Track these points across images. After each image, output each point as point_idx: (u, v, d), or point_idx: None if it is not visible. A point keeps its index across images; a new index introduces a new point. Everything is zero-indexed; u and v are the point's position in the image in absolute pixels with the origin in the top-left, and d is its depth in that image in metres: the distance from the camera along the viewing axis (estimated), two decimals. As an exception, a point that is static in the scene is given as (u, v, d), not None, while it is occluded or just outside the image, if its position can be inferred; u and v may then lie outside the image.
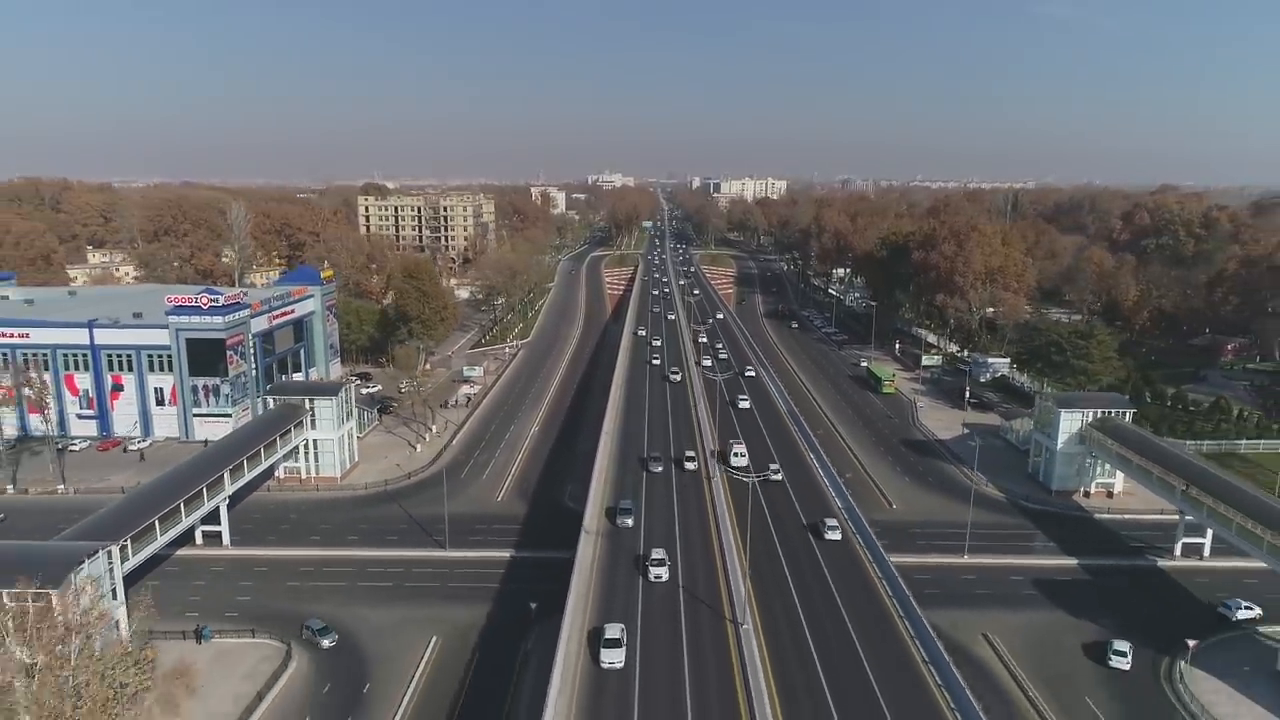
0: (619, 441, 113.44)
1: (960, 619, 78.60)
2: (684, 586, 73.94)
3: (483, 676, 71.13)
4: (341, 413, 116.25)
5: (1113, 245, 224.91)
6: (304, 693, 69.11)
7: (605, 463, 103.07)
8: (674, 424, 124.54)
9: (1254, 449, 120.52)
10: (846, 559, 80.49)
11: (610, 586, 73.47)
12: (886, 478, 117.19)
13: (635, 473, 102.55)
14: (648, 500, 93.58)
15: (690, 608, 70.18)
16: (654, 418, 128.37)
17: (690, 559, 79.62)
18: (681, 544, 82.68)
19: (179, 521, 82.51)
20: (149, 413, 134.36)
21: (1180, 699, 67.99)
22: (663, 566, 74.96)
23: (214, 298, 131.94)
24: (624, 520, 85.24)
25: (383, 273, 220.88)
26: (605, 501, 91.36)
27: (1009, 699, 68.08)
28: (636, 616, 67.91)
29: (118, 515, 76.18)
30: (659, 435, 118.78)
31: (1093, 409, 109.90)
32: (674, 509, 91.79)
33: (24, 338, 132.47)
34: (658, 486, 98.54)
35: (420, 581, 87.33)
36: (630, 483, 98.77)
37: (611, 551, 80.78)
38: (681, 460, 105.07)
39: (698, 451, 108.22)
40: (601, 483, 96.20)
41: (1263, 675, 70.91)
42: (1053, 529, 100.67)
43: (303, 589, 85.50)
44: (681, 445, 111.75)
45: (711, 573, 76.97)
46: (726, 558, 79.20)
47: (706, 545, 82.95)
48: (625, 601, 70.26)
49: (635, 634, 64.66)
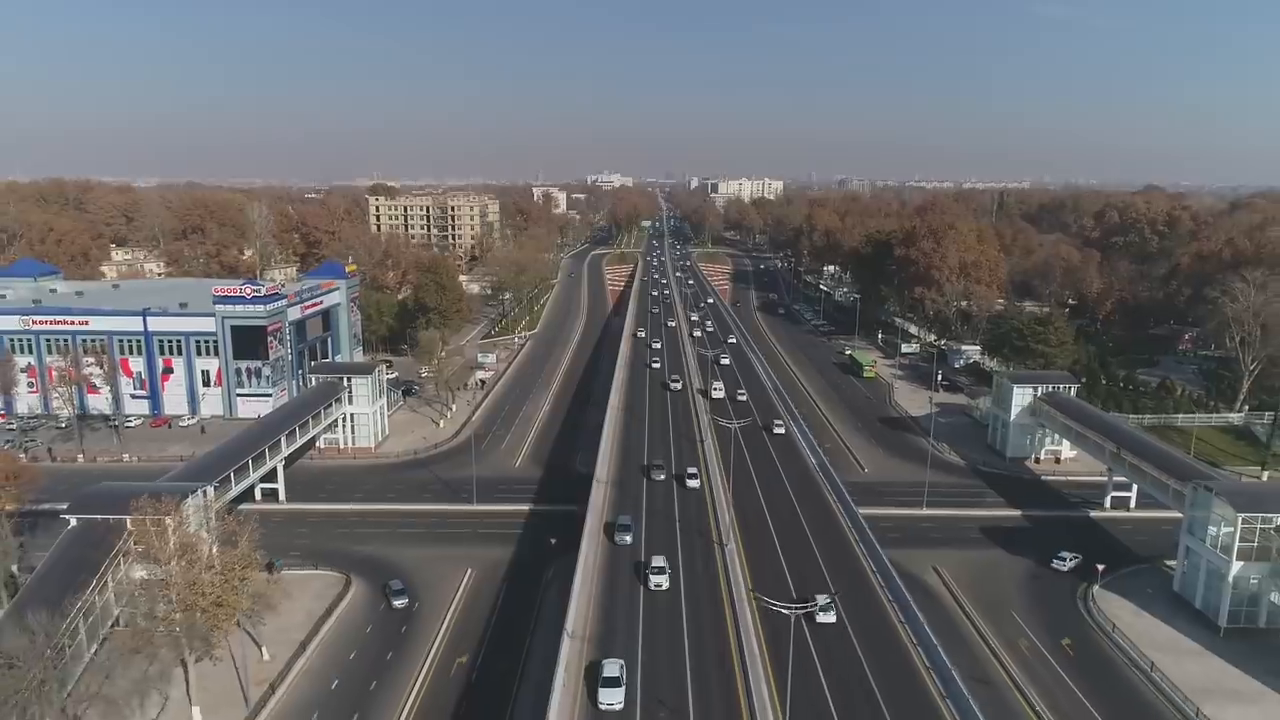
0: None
1: (914, 555, 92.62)
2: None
3: (511, 599, 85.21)
4: (375, 390, 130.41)
5: (1086, 242, 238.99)
6: (364, 610, 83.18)
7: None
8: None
9: (1190, 423, 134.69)
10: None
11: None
12: (860, 447, 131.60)
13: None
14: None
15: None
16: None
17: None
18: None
19: (248, 476, 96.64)
20: (196, 393, 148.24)
21: (1090, 614, 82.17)
22: (663, 575, 74.00)
23: (256, 289, 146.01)
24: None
25: (398, 268, 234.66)
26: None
27: (949, 614, 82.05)
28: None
29: (203, 467, 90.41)
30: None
31: (1042, 385, 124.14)
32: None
33: (84, 325, 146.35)
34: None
35: (453, 529, 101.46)
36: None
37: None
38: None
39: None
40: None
41: (1161, 596, 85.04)
42: (1003, 488, 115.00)
43: (352, 534, 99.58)
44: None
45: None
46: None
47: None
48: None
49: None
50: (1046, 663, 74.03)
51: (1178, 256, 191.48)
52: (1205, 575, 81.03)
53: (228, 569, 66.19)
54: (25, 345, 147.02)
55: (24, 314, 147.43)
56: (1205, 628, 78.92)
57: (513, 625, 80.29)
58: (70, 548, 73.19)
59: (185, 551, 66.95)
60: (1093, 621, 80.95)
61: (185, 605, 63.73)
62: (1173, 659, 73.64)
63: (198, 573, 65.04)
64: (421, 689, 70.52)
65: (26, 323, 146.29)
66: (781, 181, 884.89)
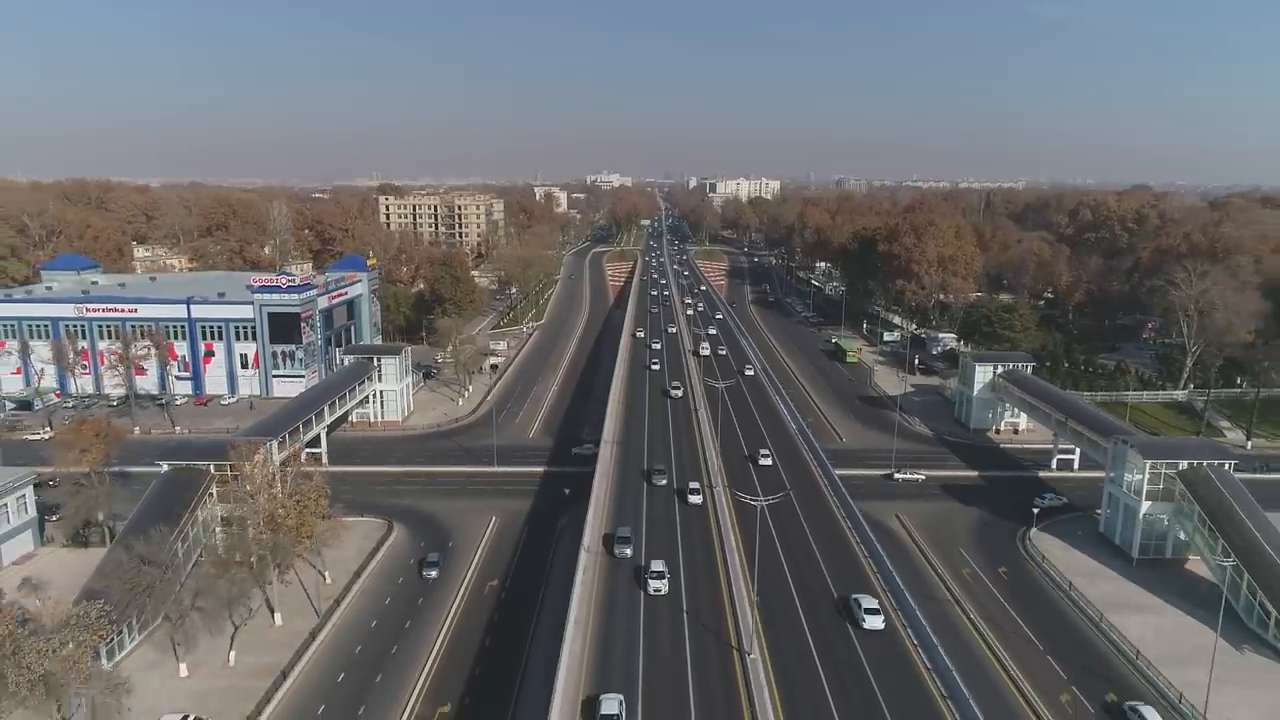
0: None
1: (881, 506, 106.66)
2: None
3: (531, 539, 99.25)
4: (402, 369, 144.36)
5: (1061, 239, 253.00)
6: (406, 548, 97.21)
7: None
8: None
9: (1138, 399, 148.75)
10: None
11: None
12: (840, 420, 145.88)
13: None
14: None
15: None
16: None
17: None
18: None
19: (300, 437, 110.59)
20: (235, 374, 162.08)
21: (1025, 550, 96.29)
22: (662, 580, 73.21)
23: (290, 279, 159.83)
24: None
25: (411, 263, 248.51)
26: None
27: (907, 551, 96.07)
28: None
29: (267, 426, 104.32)
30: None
31: (1002, 364, 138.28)
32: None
33: (133, 312, 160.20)
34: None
35: (478, 486, 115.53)
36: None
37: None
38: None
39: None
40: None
41: (1088, 536, 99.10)
42: (964, 454, 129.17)
43: (389, 491, 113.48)
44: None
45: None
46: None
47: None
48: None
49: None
50: (984, 585, 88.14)
51: (1140, 251, 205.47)
52: (1122, 515, 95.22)
53: (304, 498, 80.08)
54: (79, 330, 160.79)
55: (79, 302, 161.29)
56: (1121, 559, 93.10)
57: (534, 558, 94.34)
58: (165, 488, 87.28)
59: (269, 485, 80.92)
60: (1027, 555, 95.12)
61: (272, 527, 77.72)
62: (1090, 582, 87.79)
63: (280, 502, 79.03)
64: (460, 605, 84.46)
65: (81, 310, 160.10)
66: (779, 181, 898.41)
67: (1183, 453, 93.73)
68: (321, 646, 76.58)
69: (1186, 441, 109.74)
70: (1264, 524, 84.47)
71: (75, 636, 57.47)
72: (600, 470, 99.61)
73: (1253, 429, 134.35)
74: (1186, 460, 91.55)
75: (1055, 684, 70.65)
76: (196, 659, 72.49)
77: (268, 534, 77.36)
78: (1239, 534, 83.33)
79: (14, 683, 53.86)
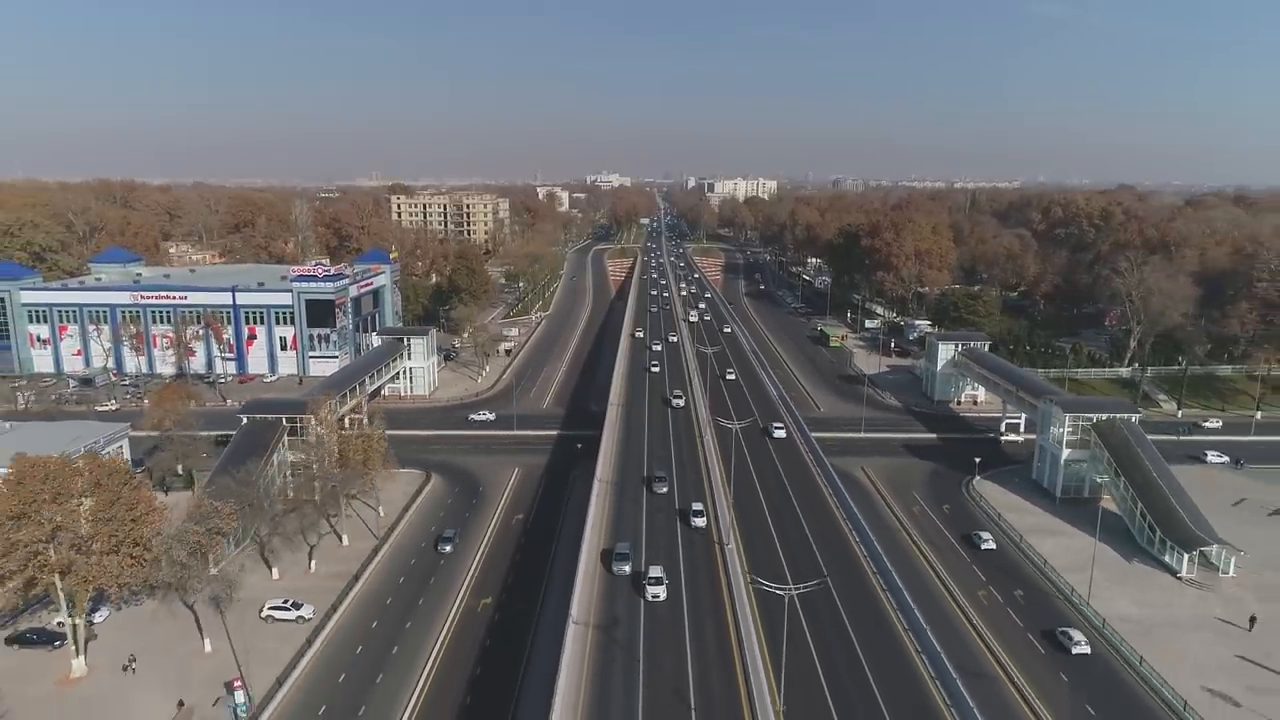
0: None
1: (849, 461, 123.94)
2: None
3: (548, 486, 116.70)
4: (429, 348, 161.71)
5: (1035, 235, 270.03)
6: (443, 492, 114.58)
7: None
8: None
9: (1087, 376, 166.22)
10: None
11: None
12: (819, 394, 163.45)
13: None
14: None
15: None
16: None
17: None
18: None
19: (347, 401, 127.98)
20: (275, 355, 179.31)
21: (967, 492, 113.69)
22: (660, 586, 73.37)
23: (326, 269, 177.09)
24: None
25: (426, 258, 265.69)
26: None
27: (868, 495, 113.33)
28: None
29: (329, 385, 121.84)
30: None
31: (962, 342, 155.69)
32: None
33: (183, 299, 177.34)
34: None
35: (501, 446, 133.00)
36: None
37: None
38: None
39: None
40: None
41: (1023, 483, 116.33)
42: (927, 421, 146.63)
43: (424, 449, 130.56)
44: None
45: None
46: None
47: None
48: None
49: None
50: (929, 518, 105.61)
51: (1100, 245, 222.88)
52: (1049, 463, 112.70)
53: (369, 439, 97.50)
54: (134, 315, 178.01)
55: (134, 290, 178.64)
56: (1047, 498, 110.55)
57: (551, 499, 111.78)
58: (245, 437, 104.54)
59: (337, 429, 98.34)
60: (968, 496, 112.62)
61: (342, 463, 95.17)
62: (1017, 515, 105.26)
63: (349, 441, 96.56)
64: (491, 534, 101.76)
65: (136, 298, 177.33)
66: (775, 181, 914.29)
67: (1097, 409, 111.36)
68: (381, 560, 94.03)
69: (1101, 400, 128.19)
70: (1160, 467, 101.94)
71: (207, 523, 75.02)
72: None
73: (1182, 400, 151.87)
74: (1099, 415, 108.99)
75: (976, 585, 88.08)
76: (283, 567, 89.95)
77: (338, 469, 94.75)
78: (1139, 473, 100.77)
79: (171, 564, 70.98)
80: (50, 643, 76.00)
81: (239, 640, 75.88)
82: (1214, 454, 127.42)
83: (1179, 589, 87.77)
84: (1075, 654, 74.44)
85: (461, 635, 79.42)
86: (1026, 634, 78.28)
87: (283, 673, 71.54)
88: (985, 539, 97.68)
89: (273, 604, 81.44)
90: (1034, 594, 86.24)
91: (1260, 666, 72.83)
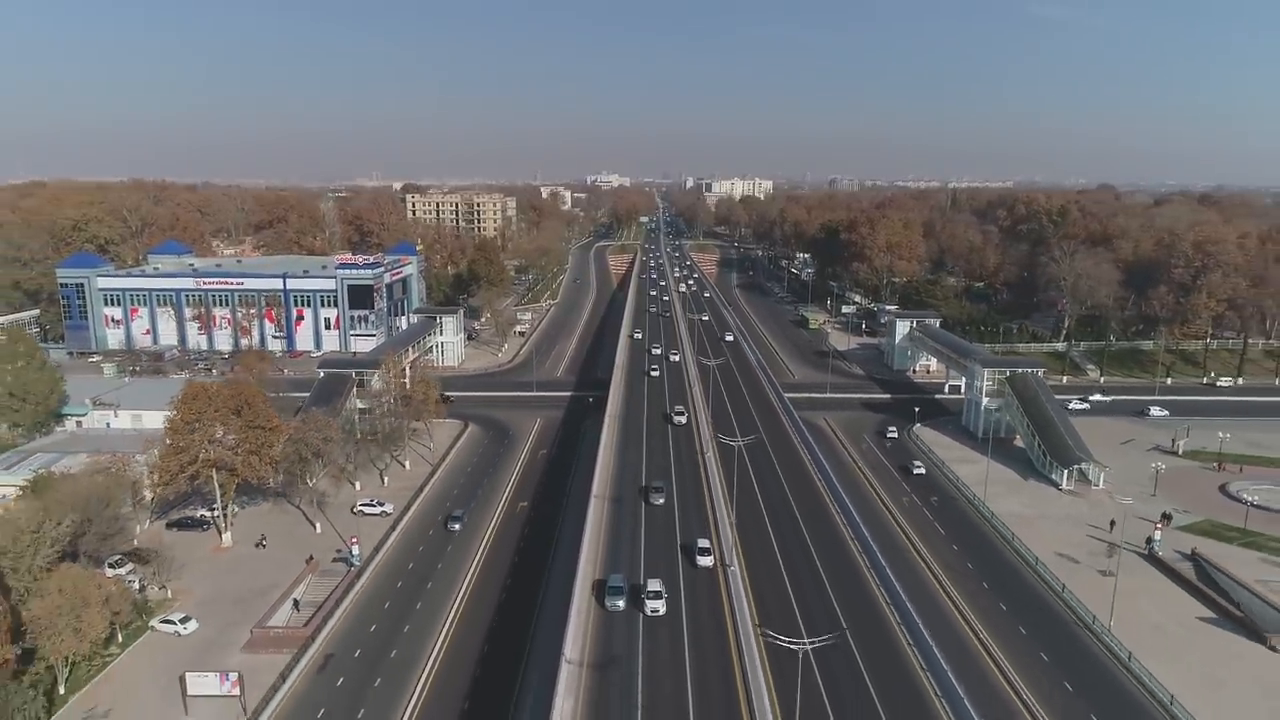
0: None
1: (814, 414, 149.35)
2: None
3: (566, 431, 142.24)
4: (458, 325, 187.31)
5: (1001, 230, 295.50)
6: (480, 436, 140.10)
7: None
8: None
9: (1028, 349, 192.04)
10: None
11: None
12: (795, 365, 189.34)
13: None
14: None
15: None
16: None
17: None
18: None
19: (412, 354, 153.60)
20: (320, 334, 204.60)
21: (908, 434, 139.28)
22: (659, 600, 70.95)
23: (366, 258, 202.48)
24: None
25: (444, 250, 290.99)
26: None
27: (827, 438, 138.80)
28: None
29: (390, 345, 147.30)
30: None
31: (916, 319, 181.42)
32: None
33: (240, 285, 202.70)
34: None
35: (524, 403, 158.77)
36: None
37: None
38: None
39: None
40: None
41: (953, 428, 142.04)
42: (884, 385, 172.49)
43: (459, 406, 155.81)
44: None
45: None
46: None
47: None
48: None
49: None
50: (874, 451, 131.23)
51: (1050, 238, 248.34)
52: (973, 410, 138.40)
53: (426, 384, 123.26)
54: (195, 299, 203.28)
55: (197, 276, 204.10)
56: (970, 438, 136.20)
57: (568, 441, 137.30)
58: (323, 386, 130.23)
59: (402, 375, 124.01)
60: (908, 437, 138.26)
61: (406, 402, 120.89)
62: (944, 450, 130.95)
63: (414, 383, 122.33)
64: (522, 465, 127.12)
65: (199, 283, 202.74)
66: (771, 181, 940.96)
67: (1010, 365, 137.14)
68: (438, 478, 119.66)
69: (1015, 359, 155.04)
70: (1057, 409, 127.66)
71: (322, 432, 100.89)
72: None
73: (1104, 370, 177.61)
74: (1012, 370, 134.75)
75: (902, 494, 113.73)
76: (361, 484, 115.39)
77: (405, 406, 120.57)
78: (1039, 413, 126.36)
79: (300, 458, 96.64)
80: (199, 526, 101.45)
81: (340, 527, 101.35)
82: (1156, 409, 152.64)
83: (1058, 496, 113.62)
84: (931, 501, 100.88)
85: (505, 526, 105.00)
86: (934, 523, 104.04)
87: (377, 544, 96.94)
88: (917, 466, 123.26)
89: (362, 503, 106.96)
90: (946, 500, 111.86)
91: (1101, 541, 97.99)
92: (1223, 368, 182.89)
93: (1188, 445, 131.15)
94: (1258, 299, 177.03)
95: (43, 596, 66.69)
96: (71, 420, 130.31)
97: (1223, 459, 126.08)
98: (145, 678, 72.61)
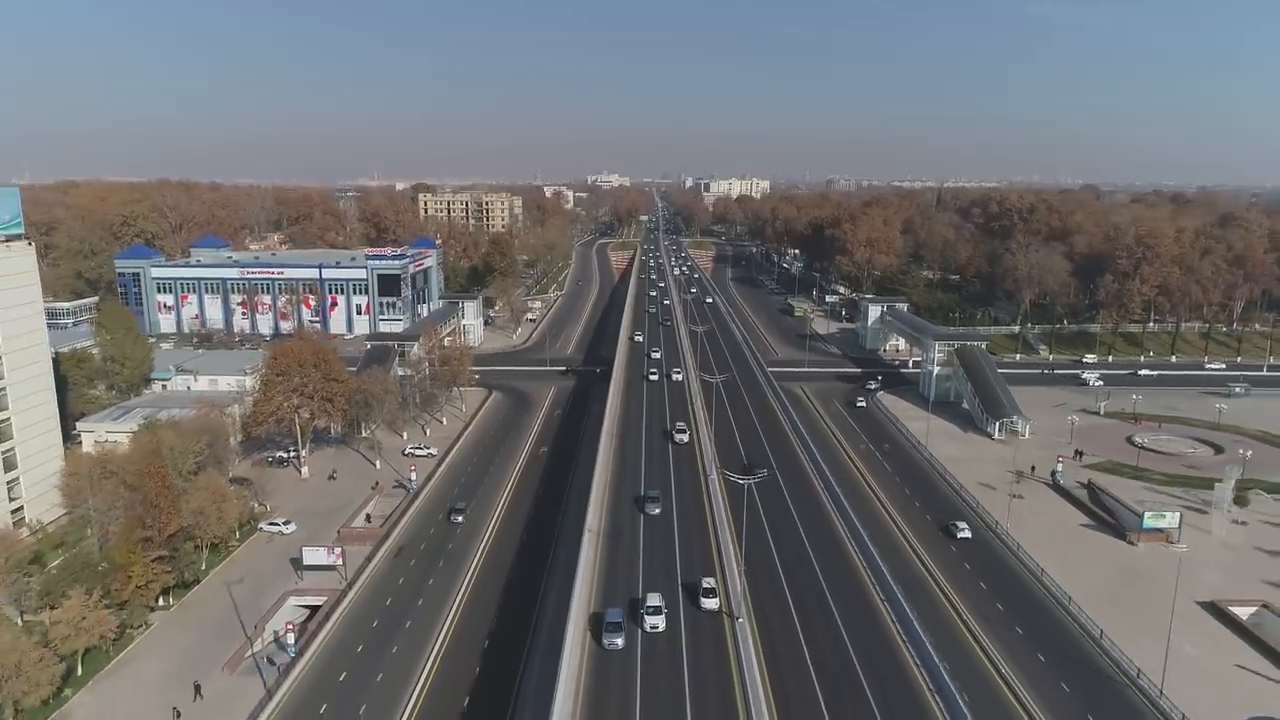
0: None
1: (793, 384, 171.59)
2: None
3: (576, 397, 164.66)
4: (478, 309, 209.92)
5: (976, 227, 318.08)
6: (504, 401, 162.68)
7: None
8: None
9: (988, 332, 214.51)
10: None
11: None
12: (779, 346, 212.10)
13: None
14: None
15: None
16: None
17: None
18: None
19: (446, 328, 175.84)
20: (351, 319, 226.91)
21: (875, 404, 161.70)
22: (659, 616, 67.97)
23: (395, 250, 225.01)
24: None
25: (458, 245, 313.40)
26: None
27: (802, 402, 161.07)
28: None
29: (427, 322, 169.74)
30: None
31: (886, 303, 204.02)
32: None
33: (280, 274, 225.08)
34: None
35: (540, 375, 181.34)
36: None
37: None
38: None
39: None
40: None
41: (911, 395, 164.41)
42: (856, 361, 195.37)
43: (482, 378, 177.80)
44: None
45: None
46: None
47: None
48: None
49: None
50: (841, 414, 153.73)
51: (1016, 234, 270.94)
52: (927, 378, 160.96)
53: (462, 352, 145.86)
54: (239, 287, 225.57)
55: (241, 266, 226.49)
56: (924, 403, 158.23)
57: (580, 404, 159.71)
58: (371, 354, 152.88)
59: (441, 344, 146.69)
60: (871, 403, 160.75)
61: (445, 364, 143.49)
62: (900, 411, 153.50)
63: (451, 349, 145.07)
64: (540, 423, 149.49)
65: (243, 272, 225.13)
66: (768, 181, 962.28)
67: (959, 339, 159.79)
68: (471, 431, 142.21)
69: (964, 333, 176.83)
70: (995, 375, 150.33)
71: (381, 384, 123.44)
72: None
73: (1053, 349, 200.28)
74: (960, 342, 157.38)
75: (860, 443, 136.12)
76: (408, 435, 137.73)
77: (446, 367, 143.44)
78: (980, 378, 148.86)
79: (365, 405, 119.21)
80: (280, 464, 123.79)
81: (394, 465, 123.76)
82: (1092, 377, 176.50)
83: (990, 444, 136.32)
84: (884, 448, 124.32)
85: (531, 464, 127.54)
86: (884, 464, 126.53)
87: (427, 477, 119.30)
88: (860, 401, 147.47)
89: (412, 446, 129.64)
90: (894, 447, 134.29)
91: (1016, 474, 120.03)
92: (1161, 348, 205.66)
93: (1109, 407, 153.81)
94: (1185, 285, 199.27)
95: (193, 493, 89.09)
96: (157, 384, 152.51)
97: (1139, 417, 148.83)
98: (263, 560, 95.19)
